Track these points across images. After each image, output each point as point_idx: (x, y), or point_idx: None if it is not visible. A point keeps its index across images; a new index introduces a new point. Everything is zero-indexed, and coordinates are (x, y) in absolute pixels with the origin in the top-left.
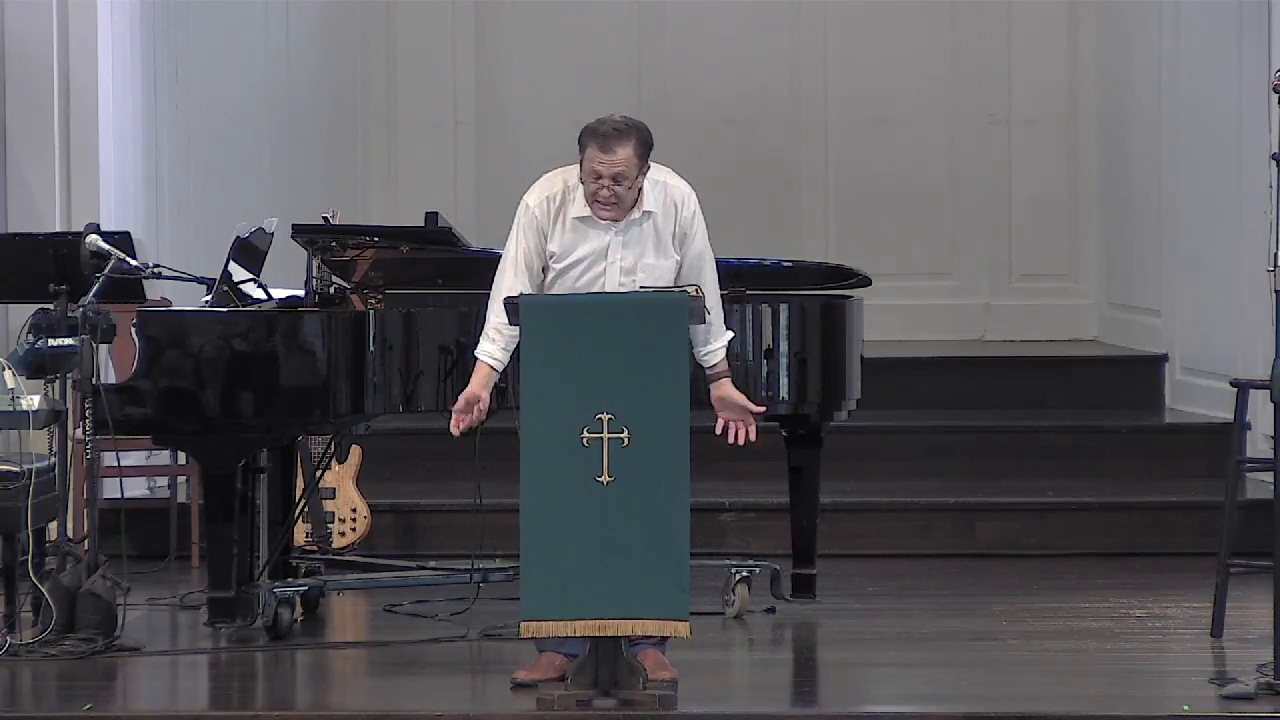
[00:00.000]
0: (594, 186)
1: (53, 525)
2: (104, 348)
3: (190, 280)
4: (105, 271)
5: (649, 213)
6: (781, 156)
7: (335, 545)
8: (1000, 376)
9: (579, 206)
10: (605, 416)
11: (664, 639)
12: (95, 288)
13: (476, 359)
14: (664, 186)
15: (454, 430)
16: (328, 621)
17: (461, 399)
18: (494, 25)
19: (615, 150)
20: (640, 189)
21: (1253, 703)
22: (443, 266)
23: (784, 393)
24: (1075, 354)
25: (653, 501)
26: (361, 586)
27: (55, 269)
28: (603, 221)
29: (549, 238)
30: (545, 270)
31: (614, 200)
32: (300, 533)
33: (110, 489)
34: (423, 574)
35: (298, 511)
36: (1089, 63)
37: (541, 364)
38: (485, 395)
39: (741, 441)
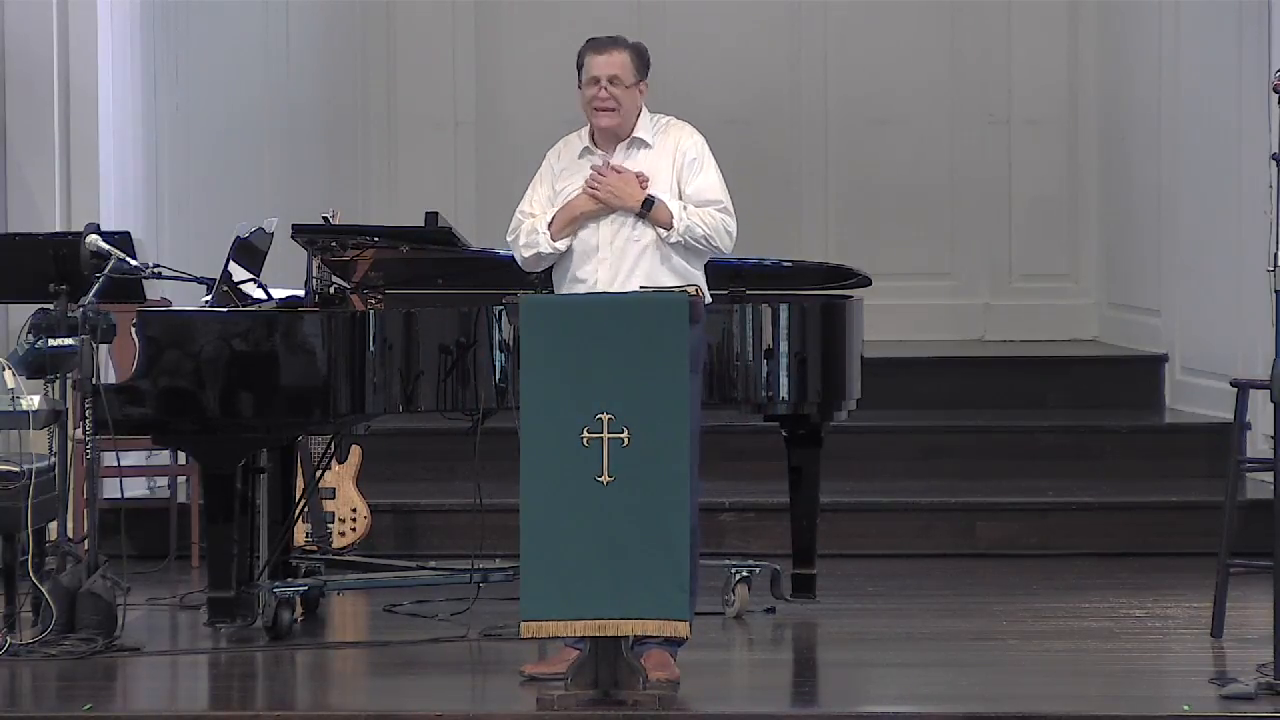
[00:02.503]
0: (592, 92)
1: (53, 525)
2: (104, 348)
3: (190, 280)
4: (105, 271)
5: (642, 141)
6: (781, 156)
7: (335, 545)
8: (1000, 376)
9: (581, 142)
10: (605, 416)
11: (679, 640)
12: (95, 288)
13: (544, 231)
14: (667, 125)
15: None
16: (328, 621)
17: (572, 209)
18: (494, 25)
19: (610, 51)
20: (639, 111)
21: (1253, 703)
22: (443, 266)
23: (784, 393)
24: (1075, 354)
25: (653, 501)
26: (361, 586)
27: (55, 269)
28: (597, 151)
29: (556, 177)
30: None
31: (612, 103)
32: (300, 533)
33: (110, 489)
34: (423, 574)
35: (298, 511)
36: (1089, 63)
37: (541, 364)
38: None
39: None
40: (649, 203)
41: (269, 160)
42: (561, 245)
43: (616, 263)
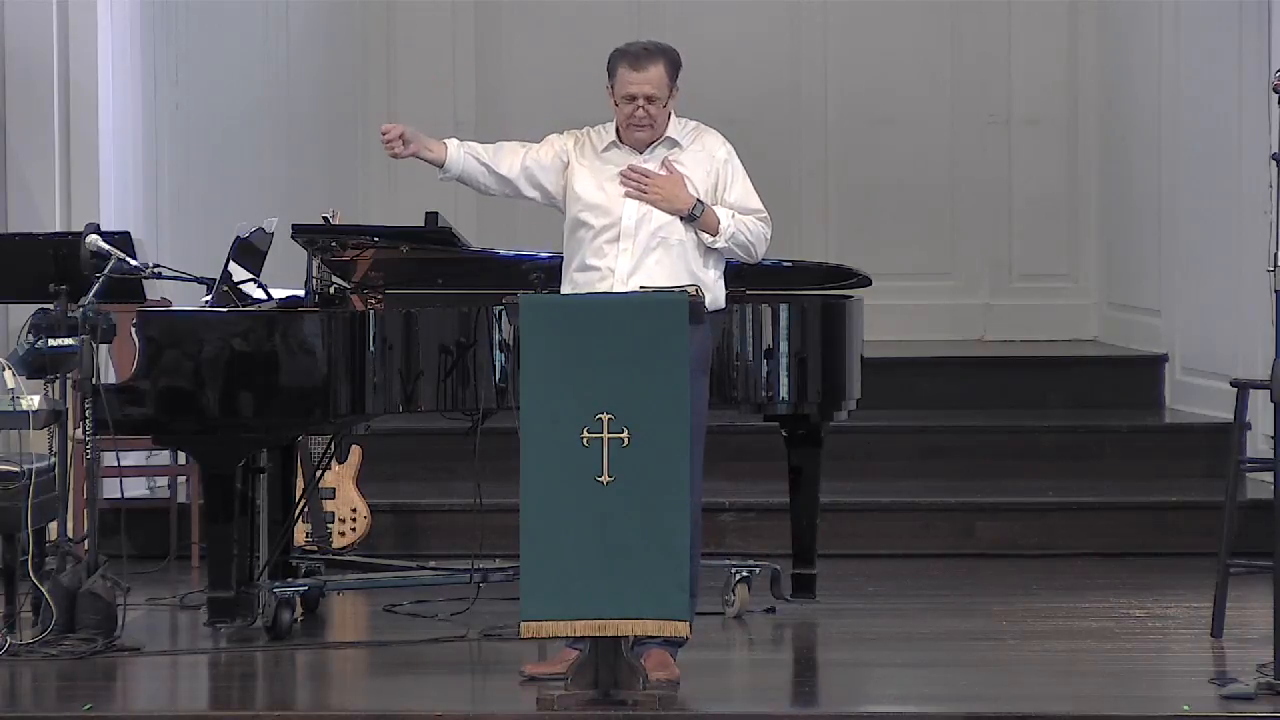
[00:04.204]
0: (628, 109)
1: (53, 525)
2: (104, 348)
3: (190, 280)
4: (105, 271)
5: (673, 141)
6: (782, 157)
7: (335, 545)
8: (1000, 376)
9: (602, 139)
10: (605, 416)
11: (679, 640)
12: (95, 288)
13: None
14: (697, 130)
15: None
16: (328, 621)
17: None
18: (494, 25)
19: (647, 68)
20: (670, 115)
21: (1253, 703)
22: (443, 266)
23: (784, 393)
24: (1075, 354)
25: (653, 501)
26: (361, 586)
27: (55, 269)
28: (624, 147)
29: (572, 168)
30: (540, 180)
31: (648, 121)
32: (300, 533)
33: (110, 489)
34: (423, 574)
35: (298, 511)
36: (1089, 63)
37: (541, 364)
38: (418, 140)
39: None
40: (699, 207)
41: (269, 160)
42: (396, 146)
43: (638, 255)
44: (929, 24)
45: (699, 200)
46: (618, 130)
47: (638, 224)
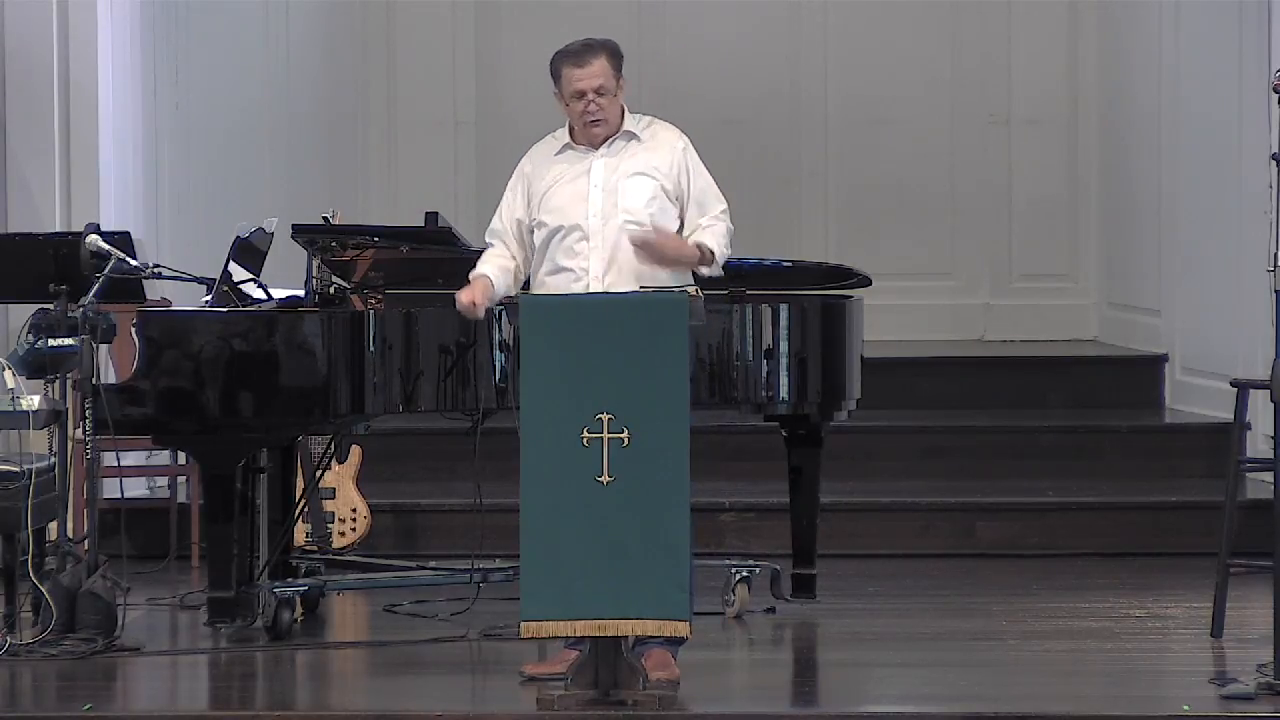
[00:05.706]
0: (580, 106)
1: (53, 525)
2: (104, 348)
3: (190, 280)
4: (105, 271)
5: (631, 134)
6: (781, 157)
7: (335, 545)
8: (1000, 376)
9: (553, 146)
10: (605, 416)
11: (679, 639)
12: (95, 288)
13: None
14: (652, 124)
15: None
16: (328, 621)
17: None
18: (494, 25)
19: (590, 62)
20: (622, 109)
21: (1253, 703)
22: (443, 266)
23: (784, 393)
24: (1075, 354)
25: (653, 501)
26: (361, 586)
27: (55, 269)
28: (580, 147)
29: (531, 180)
30: (531, 230)
31: (601, 114)
32: (300, 533)
33: (110, 489)
34: (423, 574)
35: (298, 511)
36: (1089, 63)
37: (541, 364)
38: (479, 297)
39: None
40: (705, 248)
41: (269, 160)
42: (480, 313)
43: (609, 252)
44: (929, 24)
45: (699, 244)
46: (571, 133)
47: (604, 221)
